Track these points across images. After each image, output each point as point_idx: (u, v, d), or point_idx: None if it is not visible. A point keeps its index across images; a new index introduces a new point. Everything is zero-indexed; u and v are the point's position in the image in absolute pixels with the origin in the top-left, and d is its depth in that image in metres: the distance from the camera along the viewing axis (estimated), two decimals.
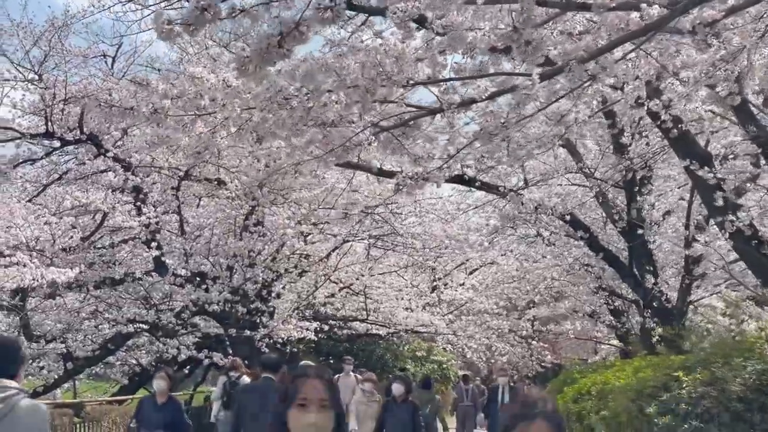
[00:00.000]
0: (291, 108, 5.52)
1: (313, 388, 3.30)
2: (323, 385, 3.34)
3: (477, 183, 16.83)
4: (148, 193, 17.75)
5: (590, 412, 12.01)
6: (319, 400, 3.27)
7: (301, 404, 3.25)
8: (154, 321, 17.49)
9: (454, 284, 29.72)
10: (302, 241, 18.88)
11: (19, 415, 4.57)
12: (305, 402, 3.25)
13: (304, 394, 3.27)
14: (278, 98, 5.50)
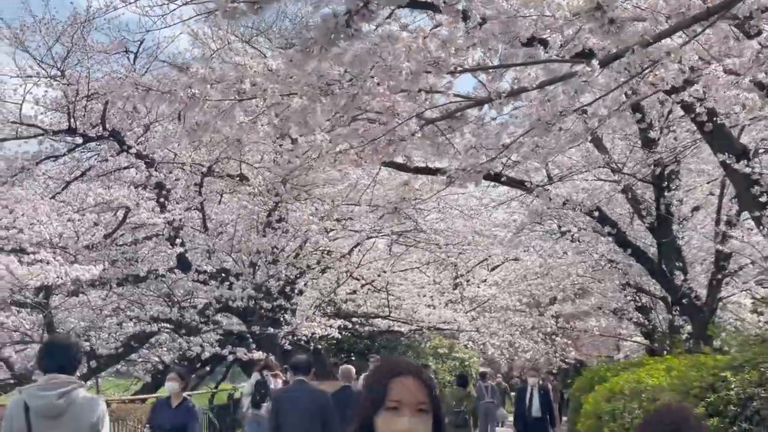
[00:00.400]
0: (333, 94, 5.34)
1: (408, 389, 2.81)
2: (419, 385, 2.85)
3: (503, 178, 16.65)
4: (171, 190, 17.64)
5: (624, 412, 11.77)
6: (415, 402, 2.78)
7: (393, 407, 2.76)
8: (177, 318, 17.36)
9: (476, 281, 29.49)
10: (326, 237, 18.71)
11: (79, 408, 5.13)
12: (398, 405, 2.77)
13: (397, 395, 2.78)
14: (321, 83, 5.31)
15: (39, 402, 5.07)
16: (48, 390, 5.08)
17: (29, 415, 5.04)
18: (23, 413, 5.05)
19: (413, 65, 4.85)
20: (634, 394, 11.92)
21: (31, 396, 5.12)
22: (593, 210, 16.17)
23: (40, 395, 5.09)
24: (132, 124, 17.97)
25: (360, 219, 20.05)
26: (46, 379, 5.17)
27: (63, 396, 5.09)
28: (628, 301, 21.80)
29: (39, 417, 5.04)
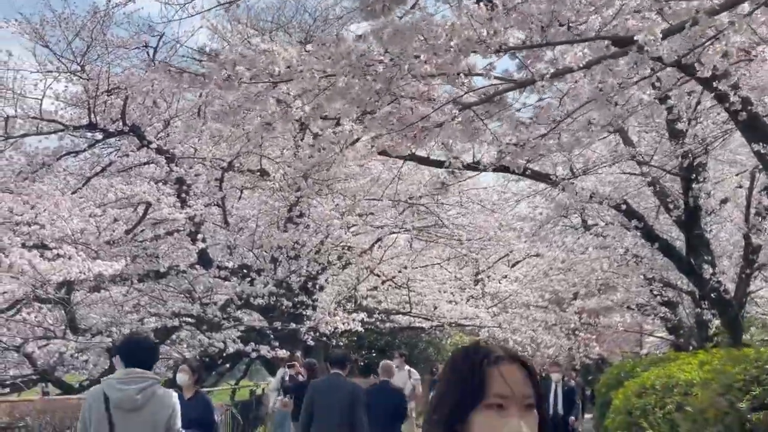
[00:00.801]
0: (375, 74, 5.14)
1: (513, 379, 2.17)
2: (525, 374, 2.21)
3: (527, 172, 16.42)
4: (192, 185, 17.52)
5: (655, 407, 11.55)
6: (521, 397, 2.16)
7: (497, 404, 2.14)
8: (198, 314, 17.23)
9: (498, 276, 29.27)
10: (347, 232, 18.53)
11: (157, 403, 5.47)
12: (503, 401, 2.14)
13: (501, 388, 2.14)
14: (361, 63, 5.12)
15: (118, 395, 5.36)
16: (127, 384, 5.41)
17: (109, 406, 5.34)
18: (103, 404, 5.35)
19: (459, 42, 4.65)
20: (666, 389, 11.69)
21: (110, 388, 5.41)
22: (620, 203, 15.93)
23: (119, 388, 5.39)
24: (152, 120, 17.87)
25: (382, 214, 19.87)
26: (125, 372, 5.48)
27: (141, 391, 5.43)
28: (654, 296, 21.53)
29: (118, 409, 5.34)
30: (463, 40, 4.63)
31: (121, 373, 5.51)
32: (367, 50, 5.07)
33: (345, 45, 4.99)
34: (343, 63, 5.29)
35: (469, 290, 27.32)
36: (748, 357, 7.73)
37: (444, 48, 4.66)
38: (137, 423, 5.39)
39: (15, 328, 16.56)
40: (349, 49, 5.05)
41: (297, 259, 17.95)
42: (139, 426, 5.41)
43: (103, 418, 5.32)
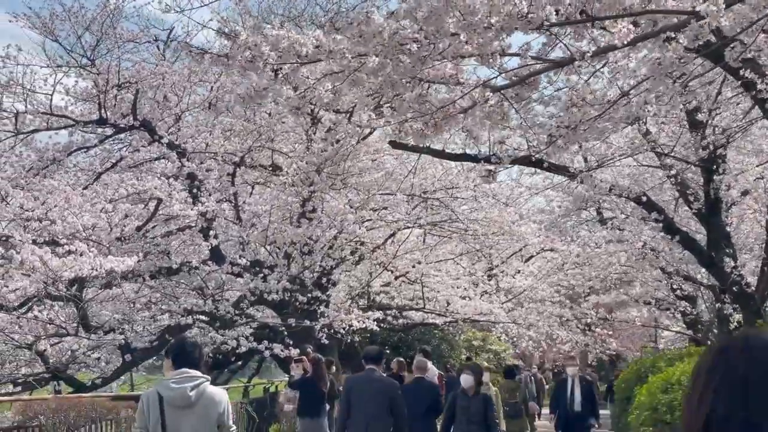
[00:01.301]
0: (409, 53, 4.87)
1: None
2: None
3: (545, 164, 16.14)
4: (204, 181, 17.29)
5: (681, 403, 11.26)
6: None
7: None
8: (211, 311, 16.99)
9: (512, 271, 28.96)
10: (362, 227, 18.26)
11: (208, 400, 5.83)
12: None
13: None
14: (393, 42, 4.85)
15: (172, 393, 5.73)
16: (180, 383, 5.75)
17: (163, 405, 5.71)
18: (158, 403, 5.73)
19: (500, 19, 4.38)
20: None
21: (164, 388, 5.77)
22: (641, 196, 15.65)
23: (173, 387, 5.75)
24: (163, 114, 17.65)
25: (396, 209, 19.61)
26: (177, 373, 5.83)
27: (194, 389, 5.77)
28: (672, 291, 21.21)
29: (171, 407, 5.71)
30: (504, 16, 4.37)
31: (173, 373, 5.86)
32: (400, 28, 4.80)
33: (375, 24, 4.73)
34: (375, 42, 5.02)
35: (482, 285, 26.99)
36: None
37: (483, 25, 4.40)
38: (190, 419, 5.76)
39: (26, 326, 16.39)
40: (380, 27, 4.78)
41: (310, 254, 17.69)
42: (192, 422, 5.77)
43: (157, 417, 5.72)
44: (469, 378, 10.76)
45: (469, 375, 10.84)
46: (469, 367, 11.49)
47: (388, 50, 4.99)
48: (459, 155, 16.64)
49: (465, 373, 10.99)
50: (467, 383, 10.73)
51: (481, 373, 11.57)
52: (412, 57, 4.94)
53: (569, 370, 14.59)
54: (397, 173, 19.69)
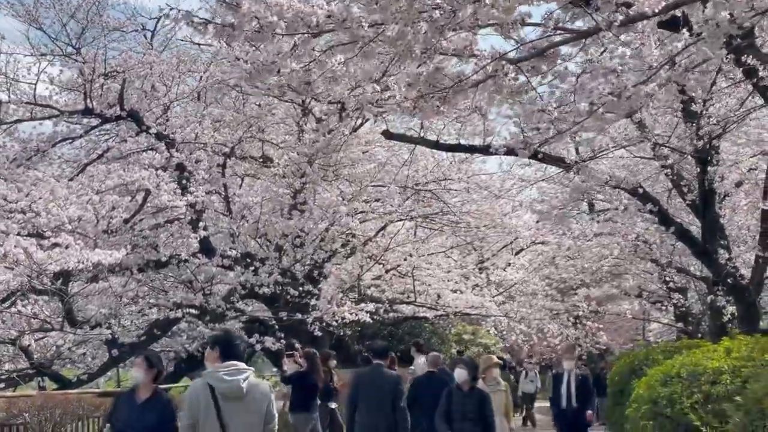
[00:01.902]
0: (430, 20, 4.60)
1: None
2: None
3: (540, 155, 15.94)
4: (193, 172, 16.98)
5: (682, 396, 11.08)
6: None
7: None
8: (201, 305, 16.70)
9: (502, 264, 28.75)
10: (354, 219, 18.00)
11: (258, 390, 6.06)
12: None
13: None
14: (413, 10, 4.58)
15: (225, 385, 5.88)
16: (233, 375, 5.90)
17: (216, 396, 5.86)
18: (210, 394, 5.87)
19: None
20: (692, 378, 11.22)
21: (215, 380, 5.91)
22: (637, 187, 15.48)
23: (227, 379, 5.89)
24: (150, 105, 17.34)
25: (388, 201, 19.35)
26: (227, 365, 5.96)
27: (245, 381, 5.94)
28: (664, 283, 21.02)
29: (225, 398, 5.87)
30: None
31: (222, 365, 5.98)
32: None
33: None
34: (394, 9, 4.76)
35: (473, 278, 26.76)
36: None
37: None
38: (241, 410, 5.92)
39: (10, 321, 16.08)
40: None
41: (302, 247, 17.43)
42: (243, 413, 5.94)
43: (210, 407, 5.84)
44: (463, 372, 10.14)
45: (462, 369, 10.20)
46: (462, 361, 10.75)
47: (408, 18, 4.74)
48: (453, 146, 16.41)
49: (459, 368, 10.32)
50: (461, 378, 10.14)
51: (475, 367, 10.79)
52: (431, 26, 4.69)
53: (566, 364, 14.03)
54: (390, 165, 19.46)
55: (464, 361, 10.69)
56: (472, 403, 10.04)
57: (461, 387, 10.11)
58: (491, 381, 11.77)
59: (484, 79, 5.27)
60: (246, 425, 5.98)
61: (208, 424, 5.89)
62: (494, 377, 11.95)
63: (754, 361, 10.24)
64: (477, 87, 5.39)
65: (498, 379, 12.01)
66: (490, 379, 11.80)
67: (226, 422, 5.89)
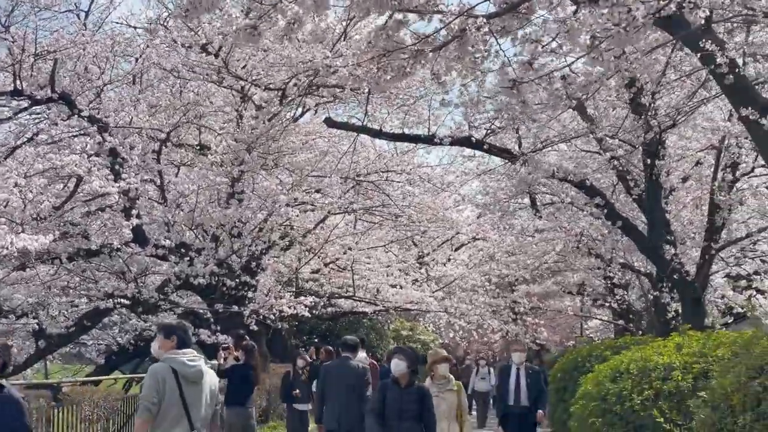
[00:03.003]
0: None
1: None
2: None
3: (485, 146, 15.65)
4: (127, 158, 16.31)
5: (632, 393, 10.84)
6: None
7: None
8: (133, 295, 16.04)
9: (443, 259, 28.46)
10: (294, 209, 17.49)
11: (210, 375, 6.76)
12: None
13: None
14: None
15: (189, 370, 6.47)
16: (194, 361, 6.57)
17: (179, 379, 6.40)
18: (174, 378, 6.38)
19: None
20: (643, 374, 10.97)
21: (179, 364, 6.44)
22: (585, 180, 15.28)
23: (190, 365, 6.50)
24: (83, 87, 16.63)
25: (329, 191, 18.88)
26: (187, 352, 6.60)
27: (203, 366, 6.66)
28: (607, 279, 20.86)
29: (187, 382, 6.44)
30: None
31: (182, 352, 6.57)
32: None
33: None
34: None
35: (413, 273, 26.41)
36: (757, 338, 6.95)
37: None
38: (198, 392, 6.54)
39: None
40: None
41: (239, 237, 16.87)
42: (200, 394, 6.56)
43: (175, 390, 6.37)
44: (401, 364, 8.81)
45: (401, 360, 8.85)
46: (401, 351, 9.31)
47: None
48: (397, 135, 16.07)
49: (396, 358, 8.96)
50: (399, 370, 8.82)
51: (416, 358, 9.22)
52: None
53: (515, 357, 12.58)
54: (331, 155, 19.01)
55: (403, 351, 9.28)
56: (411, 400, 8.78)
57: (398, 381, 8.84)
58: (440, 379, 10.30)
59: (450, 40, 4.83)
60: (202, 405, 6.61)
61: (172, 406, 6.41)
62: (443, 374, 10.31)
63: (706, 357, 10.02)
64: (439, 51, 4.94)
65: (449, 376, 10.41)
66: (438, 376, 10.31)
67: (189, 405, 6.46)
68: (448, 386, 10.31)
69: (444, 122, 16.37)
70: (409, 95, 16.64)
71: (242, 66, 16.89)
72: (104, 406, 12.62)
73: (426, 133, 15.73)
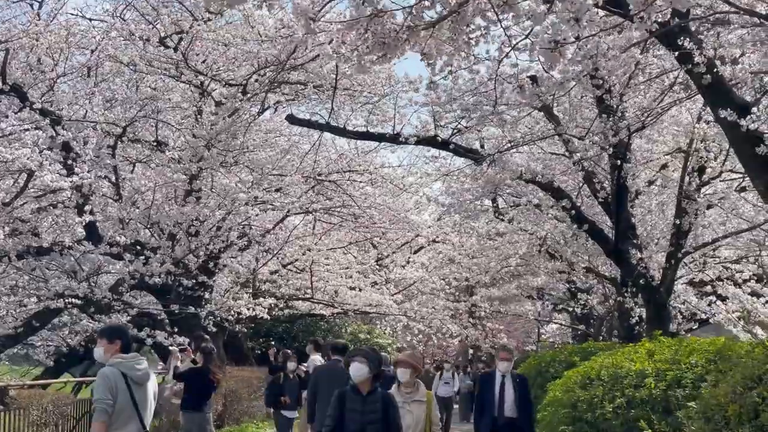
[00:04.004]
0: None
1: None
2: None
3: (451, 146, 15.36)
4: (80, 152, 15.75)
5: (603, 400, 10.54)
6: None
7: None
8: (86, 295, 15.45)
9: (401, 262, 28.11)
10: (255, 207, 17.03)
11: (153, 376, 6.97)
12: None
13: None
14: None
15: (137, 373, 6.72)
16: (142, 364, 6.82)
17: (129, 382, 6.65)
18: (123, 380, 6.63)
19: None
20: (614, 381, 10.69)
21: (127, 368, 6.69)
22: (552, 181, 15.03)
23: (138, 368, 6.74)
24: (36, 79, 16.07)
25: (290, 191, 18.44)
26: (134, 356, 6.87)
27: (148, 368, 6.89)
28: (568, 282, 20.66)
29: (135, 384, 6.70)
30: None
31: (129, 356, 6.81)
32: None
33: None
34: None
35: (372, 276, 26.00)
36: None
37: None
38: (145, 393, 6.79)
39: None
40: None
41: (197, 236, 16.37)
42: (146, 395, 6.81)
43: (125, 392, 6.64)
44: (362, 368, 7.37)
45: (361, 364, 7.39)
46: (361, 353, 7.64)
47: None
48: (362, 133, 15.71)
49: (356, 362, 7.44)
50: (359, 375, 7.39)
51: (379, 361, 7.64)
52: None
53: (501, 366, 10.69)
54: (292, 154, 18.60)
55: (364, 353, 7.62)
56: (372, 408, 7.40)
57: (359, 389, 7.42)
58: (407, 387, 8.48)
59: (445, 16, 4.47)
60: (149, 406, 6.88)
61: (125, 406, 6.67)
62: (407, 381, 8.44)
63: (679, 364, 9.76)
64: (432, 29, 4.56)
65: (417, 384, 8.54)
66: (406, 384, 8.49)
67: (139, 404, 6.72)
68: (416, 396, 8.42)
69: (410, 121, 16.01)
70: (374, 93, 16.28)
71: (202, 60, 16.44)
72: (53, 411, 12.06)
73: (391, 132, 15.38)
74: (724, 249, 18.53)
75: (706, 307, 17.96)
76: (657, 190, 17.78)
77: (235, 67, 16.57)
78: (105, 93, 16.93)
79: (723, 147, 14.79)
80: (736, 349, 9.59)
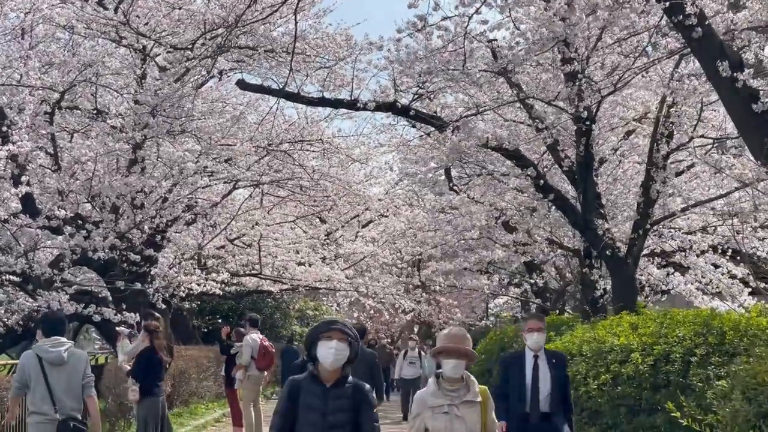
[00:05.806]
0: None
1: None
2: None
3: (411, 112, 14.63)
4: (16, 120, 14.69)
5: (587, 376, 10.02)
6: None
7: None
8: (24, 271, 14.42)
9: (351, 236, 27.34)
10: (203, 178, 16.13)
11: (76, 357, 7.79)
12: None
13: None
14: None
15: (51, 355, 7.50)
16: (56, 347, 7.56)
17: (43, 364, 7.47)
18: (38, 363, 7.48)
19: None
20: (598, 356, 10.18)
21: (42, 351, 7.52)
22: (517, 149, 14.42)
23: (51, 351, 7.52)
24: None
25: (241, 160, 17.56)
26: (50, 340, 7.62)
27: (66, 351, 7.61)
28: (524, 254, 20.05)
29: (50, 365, 7.48)
30: None
31: (48, 340, 7.59)
32: None
33: None
34: None
35: (322, 251, 25.16)
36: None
37: None
38: (64, 373, 7.52)
39: None
40: None
41: (142, 208, 15.44)
42: (65, 375, 7.54)
43: (39, 373, 7.43)
44: (343, 349, 5.26)
45: (342, 343, 5.24)
46: (338, 326, 5.34)
47: None
48: (318, 99, 14.89)
49: (334, 339, 5.22)
50: (338, 360, 5.26)
51: (356, 338, 5.40)
52: None
53: (532, 340, 7.93)
54: (242, 123, 17.71)
55: (341, 328, 5.32)
56: (340, 407, 5.25)
57: (321, 378, 5.30)
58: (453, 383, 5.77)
59: None
60: (67, 385, 7.56)
61: (38, 386, 7.47)
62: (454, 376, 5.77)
63: (666, 338, 9.24)
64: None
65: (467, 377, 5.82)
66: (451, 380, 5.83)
67: (52, 385, 7.45)
68: (467, 395, 5.67)
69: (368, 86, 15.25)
70: (333, 55, 15.43)
71: (144, 23, 15.46)
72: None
73: (348, 97, 14.60)
74: (680, 220, 18.09)
75: (666, 278, 17.62)
76: (619, 159, 17.28)
77: (180, 30, 15.64)
78: (41, 57, 15.86)
79: (694, 112, 14.31)
80: (725, 320, 9.11)
